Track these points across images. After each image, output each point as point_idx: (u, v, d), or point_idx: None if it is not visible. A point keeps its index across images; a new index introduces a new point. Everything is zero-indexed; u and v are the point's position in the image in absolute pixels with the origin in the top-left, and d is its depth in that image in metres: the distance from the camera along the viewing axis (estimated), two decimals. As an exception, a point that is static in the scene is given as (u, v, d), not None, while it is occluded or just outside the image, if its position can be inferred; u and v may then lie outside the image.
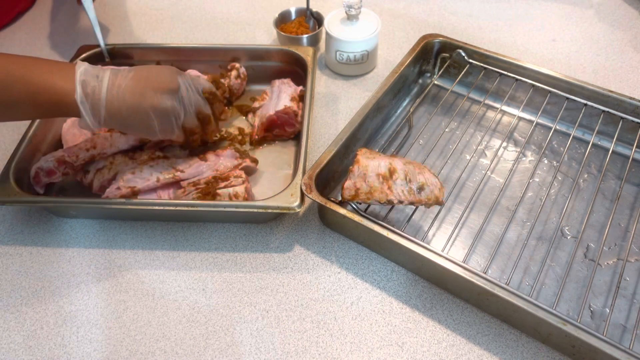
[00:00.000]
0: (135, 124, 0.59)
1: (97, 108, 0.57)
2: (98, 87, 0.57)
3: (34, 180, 0.67)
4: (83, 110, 0.57)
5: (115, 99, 0.57)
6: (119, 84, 0.58)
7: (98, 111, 0.57)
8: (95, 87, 0.57)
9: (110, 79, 0.58)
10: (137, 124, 0.60)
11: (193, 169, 0.68)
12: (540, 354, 0.56)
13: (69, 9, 1.07)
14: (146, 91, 0.58)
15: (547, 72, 0.76)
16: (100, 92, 0.57)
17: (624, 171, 0.70)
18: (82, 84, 0.56)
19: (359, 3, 0.82)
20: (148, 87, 0.58)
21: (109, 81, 0.58)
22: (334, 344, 0.58)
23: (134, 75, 0.59)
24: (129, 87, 0.58)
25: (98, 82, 0.57)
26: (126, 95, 0.57)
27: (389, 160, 0.60)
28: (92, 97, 0.57)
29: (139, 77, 0.59)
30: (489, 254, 0.63)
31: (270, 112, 0.75)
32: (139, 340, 0.59)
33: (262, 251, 0.66)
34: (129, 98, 0.57)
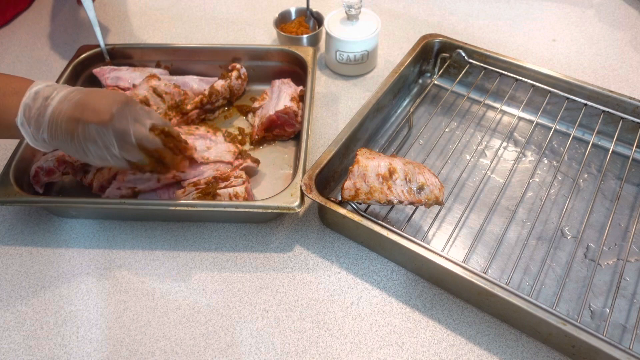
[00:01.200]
0: (72, 149, 0.58)
1: (39, 131, 0.56)
2: (43, 110, 0.56)
3: (33, 179, 0.67)
4: (24, 133, 0.56)
5: (53, 125, 0.56)
6: (60, 109, 0.56)
7: (40, 134, 0.56)
8: (40, 110, 0.56)
9: (58, 102, 0.56)
10: (74, 150, 0.58)
11: (193, 169, 0.68)
12: (540, 354, 0.56)
13: (69, 9, 1.07)
14: (80, 118, 0.55)
15: (547, 72, 0.76)
16: (44, 116, 0.56)
17: (624, 171, 0.70)
18: (25, 108, 0.55)
19: (359, 3, 0.82)
20: (81, 117, 0.55)
21: (55, 105, 0.56)
22: (334, 344, 0.58)
23: (78, 100, 0.57)
24: (66, 114, 0.56)
25: (45, 104, 0.56)
26: (63, 122, 0.56)
27: (389, 160, 0.60)
28: (36, 120, 0.56)
29: (80, 103, 0.56)
30: (489, 254, 0.63)
31: (270, 112, 0.75)
32: (139, 340, 0.59)
33: (262, 251, 0.66)
34: (64, 126, 0.56)
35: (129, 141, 0.57)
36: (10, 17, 1.04)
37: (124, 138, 0.57)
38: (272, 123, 0.75)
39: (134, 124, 0.58)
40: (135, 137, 0.58)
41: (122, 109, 0.57)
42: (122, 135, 0.57)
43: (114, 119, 0.56)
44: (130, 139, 0.57)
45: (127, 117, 0.57)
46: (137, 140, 0.58)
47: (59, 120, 0.55)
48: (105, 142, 0.56)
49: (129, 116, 0.57)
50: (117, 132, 0.56)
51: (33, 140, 0.57)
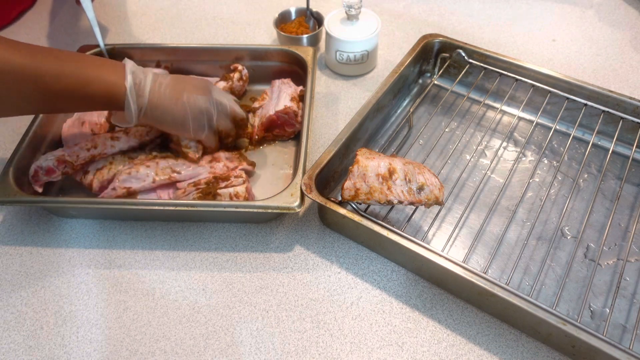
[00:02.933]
0: (171, 119, 0.65)
1: (142, 97, 0.62)
2: (144, 80, 0.63)
3: (32, 178, 0.67)
4: (130, 99, 0.61)
5: (157, 93, 0.63)
6: (161, 81, 0.64)
7: (142, 103, 0.62)
8: (141, 80, 0.62)
9: (154, 76, 0.64)
10: (173, 120, 0.65)
11: (190, 170, 0.68)
12: (540, 354, 0.56)
13: (69, 9, 1.07)
14: (184, 90, 0.65)
15: (547, 72, 0.76)
16: (145, 85, 0.62)
17: (624, 171, 0.70)
18: (133, 74, 0.62)
19: (359, 3, 0.82)
20: (186, 87, 0.65)
21: (153, 77, 0.64)
22: (334, 344, 0.58)
23: (173, 77, 0.66)
24: (170, 85, 0.64)
25: (144, 76, 0.63)
26: (167, 91, 0.64)
27: (389, 160, 0.60)
28: (139, 88, 0.62)
29: (177, 79, 0.66)
30: (489, 254, 0.63)
31: (270, 112, 0.75)
32: (139, 340, 0.59)
33: (262, 251, 0.66)
34: (169, 93, 0.64)
35: (224, 111, 0.70)
36: (12, 18, 1.04)
37: (221, 108, 0.69)
38: (272, 123, 0.75)
39: (225, 97, 0.70)
40: (230, 107, 0.70)
41: (215, 88, 0.69)
42: (219, 106, 0.69)
43: (212, 92, 0.68)
44: (226, 108, 0.70)
45: (220, 93, 0.70)
46: (231, 110, 0.71)
47: (162, 89, 0.64)
48: (209, 110, 0.67)
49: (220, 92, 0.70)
50: (218, 102, 0.68)
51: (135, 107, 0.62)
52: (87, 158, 0.68)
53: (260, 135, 0.77)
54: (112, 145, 0.69)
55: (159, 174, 0.67)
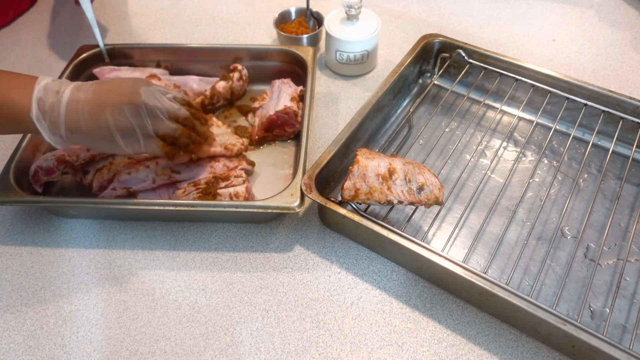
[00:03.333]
0: (97, 140, 0.57)
1: (56, 125, 0.55)
2: (57, 103, 0.55)
3: (32, 178, 0.67)
4: (40, 128, 0.55)
5: (74, 115, 0.55)
6: (79, 98, 0.56)
7: (57, 128, 0.56)
8: (53, 103, 0.55)
9: (72, 93, 0.56)
10: (100, 140, 0.58)
11: (189, 170, 0.68)
12: (540, 354, 0.56)
13: (70, 9, 1.07)
14: (106, 105, 0.56)
15: (547, 72, 0.76)
16: (59, 108, 0.55)
17: (624, 171, 0.70)
18: (39, 102, 0.55)
19: (359, 3, 0.82)
20: (108, 101, 0.56)
21: (69, 96, 0.56)
22: (334, 344, 0.58)
23: (95, 89, 0.57)
24: (89, 101, 0.56)
25: (57, 98, 0.55)
26: (85, 109, 0.55)
27: (389, 160, 0.60)
28: (51, 113, 0.55)
29: (99, 90, 0.57)
30: (489, 254, 0.63)
31: (270, 112, 0.75)
32: (139, 340, 0.59)
33: (262, 251, 0.66)
34: (87, 113, 0.55)
35: (161, 116, 0.58)
36: (12, 17, 1.04)
37: (156, 113, 0.58)
38: (272, 123, 0.75)
39: (160, 98, 0.59)
40: (166, 109, 0.59)
41: (146, 88, 0.58)
42: (153, 111, 0.58)
43: (142, 98, 0.56)
44: (163, 113, 0.58)
45: (153, 94, 0.58)
46: (168, 112, 0.59)
47: (79, 108, 0.55)
48: (139, 122, 0.57)
49: (153, 93, 0.58)
50: (149, 108, 0.57)
51: (50, 135, 0.56)
52: (87, 158, 0.68)
53: (260, 135, 0.77)
54: (112, 145, 0.69)
55: (159, 174, 0.67)
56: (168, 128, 0.60)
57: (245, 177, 0.68)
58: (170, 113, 0.60)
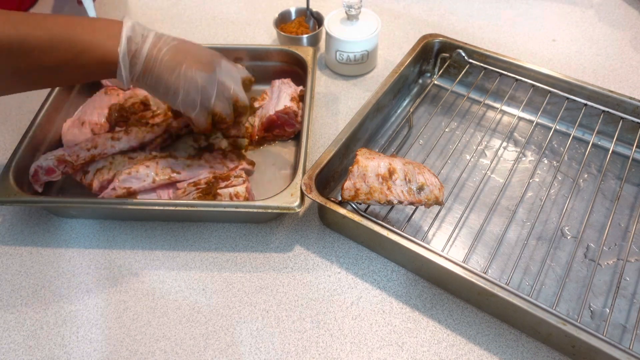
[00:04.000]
0: (163, 89, 0.60)
1: (135, 67, 0.58)
2: (141, 45, 0.58)
3: (32, 178, 0.67)
4: (122, 64, 0.57)
5: (153, 60, 0.58)
6: (161, 47, 0.59)
7: (136, 71, 0.58)
8: (138, 44, 0.58)
9: (154, 40, 0.59)
10: (165, 90, 0.60)
11: (190, 170, 0.68)
12: (540, 354, 0.56)
13: (70, 9, 1.07)
14: (184, 60, 0.59)
15: (547, 72, 0.76)
16: (142, 49, 0.58)
17: (624, 171, 0.70)
18: (128, 40, 0.57)
19: (359, 3, 0.82)
20: (186, 58, 0.59)
21: (152, 41, 0.58)
22: (334, 344, 0.58)
23: (177, 44, 0.60)
24: (169, 51, 0.59)
25: (142, 40, 0.58)
26: (165, 58, 0.58)
27: (389, 160, 0.60)
28: (134, 53, 0.57)
29: (180, 47, 0.60)
30: (489, 254, 0.63)
31: (270, 112, 0.75)
32: (139, 340, 0.59)
33: (262, 251, 0.66)
34: (167, 62, 0.58)
35: (226, 94, 0.63)
36: None
37: (222, 89, 0.62)
38: (272, 123, 0.75)
39: (230, 78, 0.63)
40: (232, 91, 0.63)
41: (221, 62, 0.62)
42: (221, 87, 0.61)
43: (216, 70, 0.60)
44: (228, 91, 0.62)
45: (229, 72, 0.62)
46: (233, 95, 0.63)
47: (159, 56, 0.58)
48: (205, 89, 0.60)
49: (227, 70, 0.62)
50: (219, 83, 0.61)
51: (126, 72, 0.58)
52: (87, 158, 0.68)
53: (260, 135, 0.77)
54: (113, 145, 0.69)
55: (159, 174, 0.67)
56: (225, 109, 0.64)
57: (246, 177, 0.68)
58: (234, 96, 0.64)
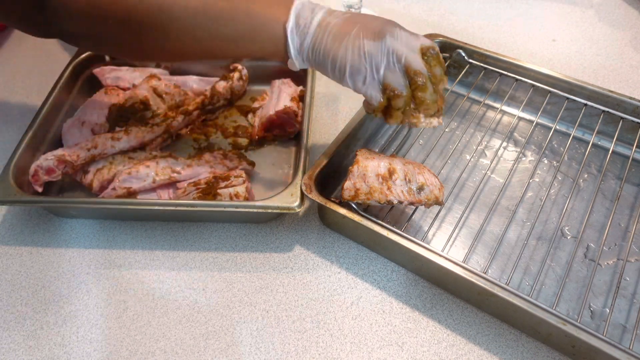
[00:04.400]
0: (330, 61, 0.57)
1: (304, 39, 0.57)
2: (310, 18, 0.57)
3: (32, 178, 0.67)
4: (290, 40, 0.57)
5: (320, 34, 0.57)
6: (329, 21, 0.57)
7: (303, 42, 0.57)
8: (307, 18, 0.57)
9: (324, 16, 0.57)
10: (332, 61, 0.57)
11: (190, 170, 0.68)
12: (540, 354, 0.56)
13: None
14: (351, 30, 0.56)
15: (547, 72, 0.76)
16: (310, 24, 0.57)
17: (624, 171, 0.70)
18: (297, 17, 0.56)
19: (359, 3, 0.82)
20: (355, 28, 0.56)
21: (321, 17, 0.57)
22: (334, 344, 0.58)
23: (347, 16, 0.58)
24: (338, 24, 0.57)
25: (311, 16, 0.57)
26: (332, 31, 0.56)
27: (389, 160, 0.60)
28: (302, 29, 0.57)
29: (350, 18, 0.57)
30: (489, 254, 0.63)
31: (270, 112, 0.75)
32: (139, 340, 0.59)
33: (262, 251, 0.66)
34: (332, 35, 0.56)
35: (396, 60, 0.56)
36: None
37: (393, 58, 0.56)
38: (272, 123, 0.75)
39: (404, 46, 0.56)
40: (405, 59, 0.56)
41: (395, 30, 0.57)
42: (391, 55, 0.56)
43: (386, 37, 0.55)
44: (400, 58, 0.56)
45: (400, 39, 0.56)
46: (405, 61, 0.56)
47: (327, 30, 0.56)
48: (372, 56, 0.56)
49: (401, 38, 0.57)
50: (391, 50, 0.56)
51: (296, 48, 0.57)
52: (87, 158, 0.68)
53: (260, 135, 0.77)
54: (113, 146, 0.70)
55: (159, 174, 0.67)
56: (397, 80, 0.57)
57: (245, 177, 0.68)
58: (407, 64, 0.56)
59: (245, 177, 0.68)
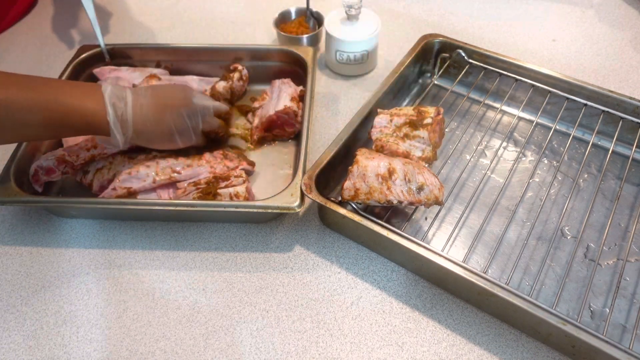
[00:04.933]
0: (158, 138, 0.65)
1: (125, 127, 0.62)
2: (124, 108, 0.62)
3: (32, 178, 0.67)
4: (115, 130, 0.61)
5: (139, 118, 0.62)
6: (141, 103, 0.63)
7: (126, 130, 0.62)
8: (122, 108, 0.61)
9: (133, 98, 0.63)
10: (160, 140, 0.66)
11: (190, 170, 0.68)
12: (540, 354, 0.56)
13: (70, 8, 1.07)
14: (166, 109, 0.64)
15: (547, 72, 0.76)
16: (126, 112, 0.62)
17: (624, 171, 0.70)
18: (113, 107, 0.61)
19: (359, 3, 0.82)
20: (167, 105, 0.64)
21: (132, 101, 0.62)
22: (334, 344, 0.58)
23: (152, 93, 0.64)
24: (151, 105, 0.63)
25: (123, 103, 0.62)
26: (149, 113, 0.63)
27: (389, 160, 0.60)
28: (121, 118, 0.61)
29: (157, 95, 0.65)
30: (489, 254, 0.63)
31: (270, 112, 0.75)
32: (139, 340, 0.59)
33: (262, 251, 0.66)
34: (152, 116, 0.63)
35: (209, 113, 0.70)
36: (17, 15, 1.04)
37: (205, 112, 0.69)
38: (272, 123, 0.75)
39: (204, 99, 0.70)
40: (213, 107, 0.71)
41: (195, 93, 0.69)
42: (204, 110, 0.69)
43: (194, 100, 0.67)
44: (210, 110, 0.70)
45: (201, 99, 0.69)
46: (214, 110, 0.72)
47: (144, 113, 0.63)
48: (193, 120, 0.67)
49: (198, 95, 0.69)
50: (201, 109, 0.68)
51: (121, 137, 0.62)
52: (87, 158, 0.68)
53: (260, 135, 0.77)
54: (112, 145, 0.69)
55: (159, 174, 0.67)
56: (214, 124, 0.72)
57: (246, 177, 0.68)
58: (216, 110, 0.72)
59: (246, 177, 0.68)
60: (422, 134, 0.65)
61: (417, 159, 0.64)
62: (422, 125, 0.65)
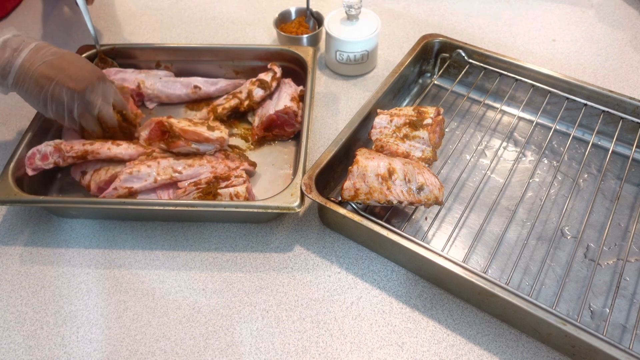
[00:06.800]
0: (32, 100, 0.64)
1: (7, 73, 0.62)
2: (12, 59, 0.61)
3: (28, 160, 0.66)
4: None
5: (23, 73, 0.62)
6: (33, 61, 0.62)
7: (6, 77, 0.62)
8: (9, 58, 0.61)
9: (30, 54, 0.62)
10: (35, 101, 0.64)
11: (191, 170, 0.68)
12: (540, 354, 0.56)
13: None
14: (51, 80, 0.62)
15: (547, 72, 0.76)
16: (12, 62, 0.61)
17: (624, 171, 0.70)
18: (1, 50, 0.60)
19: (359, 3, 0.82)
20: (58, 75, 0.62)
21: (27, 55, 0.62)
22: (334, 344, 0.58)
23: (53, 60, 0.63)
24: (41, 68, 0.62)
25: (14, 55, 0.61)
26: (35, 74, 0.62)
27: (389, 160, 0.60)
28: (3, 67, 0.61)
29: (56, 62, 0.63)
30: (489, 254, 0.63)
31: (270, 111, 0.75)
32: (139, 340, 0.59)
33: (262, 251, 0.66)
34: (34, 78, 0.62)
35: (92, 113, 0.66)
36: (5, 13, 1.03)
37: (89, 109, 0.65)
38: (272, 123, 0.75)
39: (100, 99, 0.65)
40: (98, 112, 0.66)
41: (96, 84, 0.65)
42: (88, 106, 0.65)
43: (86, 91, 0.63)
44: (94, 112, 0.66)
45: (97, 92, 0.65)
46: (99, 115, 0.67)
47: (30, 72, 0.62)
48: (70, 106, 0.64)
49: (99, 91, 0.65)
50: (86, 102, 0.64)
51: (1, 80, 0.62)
52: (80, 152, 0.66)
53: (260, 135, 0.77)
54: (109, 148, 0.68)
55: (161, 174, 0.67)
56: (89, 125, 0.67)
57: (246, 177, 0.68)
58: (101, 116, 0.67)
59: (246, 177, 0.68)
60: (422, 135, 0.65)
61: (417, 159, 0.64)
62: (422, 126, 0.65)
